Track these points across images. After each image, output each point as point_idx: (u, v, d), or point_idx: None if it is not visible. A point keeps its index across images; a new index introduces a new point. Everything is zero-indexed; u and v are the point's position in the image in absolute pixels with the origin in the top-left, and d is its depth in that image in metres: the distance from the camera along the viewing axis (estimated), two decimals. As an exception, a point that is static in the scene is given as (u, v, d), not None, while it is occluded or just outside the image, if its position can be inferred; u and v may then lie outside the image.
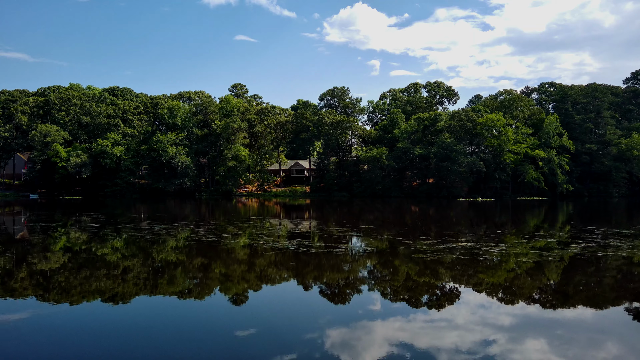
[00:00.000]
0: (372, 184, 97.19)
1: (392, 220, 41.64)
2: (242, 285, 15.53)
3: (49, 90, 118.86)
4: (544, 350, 9.71)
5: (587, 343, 10.29)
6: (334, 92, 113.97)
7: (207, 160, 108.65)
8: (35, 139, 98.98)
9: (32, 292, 14.31)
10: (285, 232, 29.04)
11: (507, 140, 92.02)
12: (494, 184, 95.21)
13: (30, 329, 10.95)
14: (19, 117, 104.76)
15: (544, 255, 20.40)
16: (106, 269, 17.59)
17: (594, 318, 12.15)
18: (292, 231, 30.28)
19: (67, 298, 13.63)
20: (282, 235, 27.94)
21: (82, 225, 33.95)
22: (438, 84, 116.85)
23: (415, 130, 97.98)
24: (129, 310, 12.59)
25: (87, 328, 11.06)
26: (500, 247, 22.84)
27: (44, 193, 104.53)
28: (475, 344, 10.02)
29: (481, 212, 55.07)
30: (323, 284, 15.63)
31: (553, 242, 24.98)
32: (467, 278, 16.25)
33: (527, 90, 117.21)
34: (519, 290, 14.90)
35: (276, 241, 24.74)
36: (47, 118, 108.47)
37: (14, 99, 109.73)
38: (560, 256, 20.36)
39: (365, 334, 10.67)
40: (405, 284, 15.46)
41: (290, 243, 23.82)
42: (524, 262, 19.07)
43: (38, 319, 11.68)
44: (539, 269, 17.82)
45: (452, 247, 22.62)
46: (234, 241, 24.44)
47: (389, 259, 20.00)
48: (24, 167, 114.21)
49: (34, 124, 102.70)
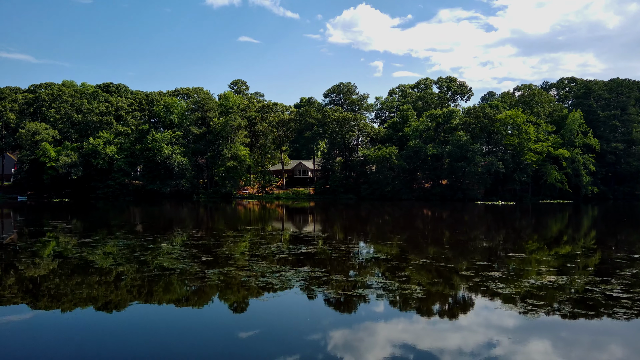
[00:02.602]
0: (381, 185, 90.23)
1: (414, 230, 34.73)
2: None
3: (40, 87, 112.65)
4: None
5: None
6: (340, 89, 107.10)
7: (206, 161, 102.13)
8: (23, 138, 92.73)
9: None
10: (287, 247, 22.37)
11: (528, 138, 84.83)
12: (513, 185, 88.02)
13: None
14: (7, 114, 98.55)
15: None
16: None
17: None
18: (297, 250, 23.48)
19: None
20: (284, 259, 21.18)
21: (21, 247, 27.30)
22: (450, 79, 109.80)
23: (428, 128, 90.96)
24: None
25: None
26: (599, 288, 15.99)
27: (33, 195, 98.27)
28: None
29: (508, 217, 48.01)
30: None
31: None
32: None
33: (546, 86, 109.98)
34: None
35: (276, 271, 18.01)
36: (37, 116, 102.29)
37: (3, 96, 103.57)
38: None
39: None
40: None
41: (295, 276, 17.04)
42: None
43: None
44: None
45: (532, 283, 15.80)
46: (221, 273, 17.73)
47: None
48: (14, 168, 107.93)
49: (23, 122, 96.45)
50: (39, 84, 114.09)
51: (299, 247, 22.91)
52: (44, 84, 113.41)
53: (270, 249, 22.28)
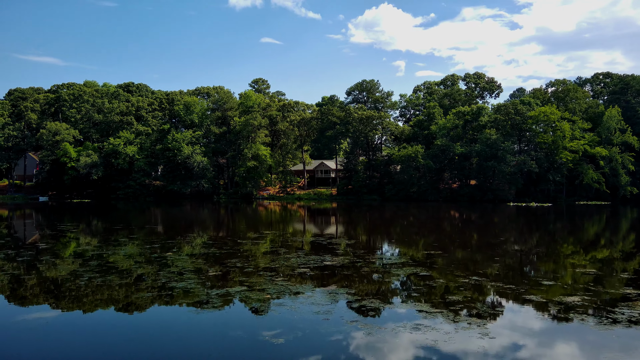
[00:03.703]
0: (406, 186, 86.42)
1: (451, 235, 31.23)
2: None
3: (62, 88, 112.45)
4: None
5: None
6: (363, 86, 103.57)
7: (226, 160, 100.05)
8: (44, 138, 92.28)
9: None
10: (310, 262, 19.34)
11: (563, 136, 79.85)
12: (546, 186, 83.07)
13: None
14: (29, 114, 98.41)
15: None
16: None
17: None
18: (320, 261, 20.39)
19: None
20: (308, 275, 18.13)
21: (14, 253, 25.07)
22: (478, 75, 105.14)
23: (455, 126, 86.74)
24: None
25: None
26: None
27: (54, 195, 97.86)
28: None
29: (545, 219, 43.88)
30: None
31: None
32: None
33: (579, 81, 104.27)
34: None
35: (301, 286, 14.97)
36: (59, 116, 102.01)
37: (25, 97, 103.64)
38: None
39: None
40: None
41: (318, 298, 13.97)
42: None
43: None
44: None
45: (567, 288, 12.42)
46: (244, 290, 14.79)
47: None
48: (36, 168, 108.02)
49: (44, 122, 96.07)
50: (60, 84, 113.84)
51: (323, 258, 19.73)
52: (65, 84, 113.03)
53: (289, 260, 19.20)
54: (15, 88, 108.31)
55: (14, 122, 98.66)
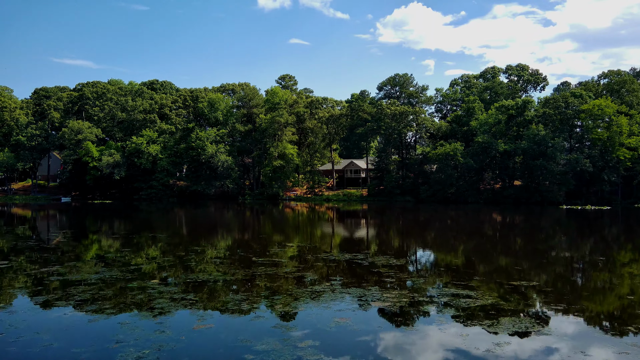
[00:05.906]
0: (444, 186, 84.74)
1: (511, 250, 30.20)
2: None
3: (87, 86, 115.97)
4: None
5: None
6: (395, 80, 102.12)
7: (252, 160, 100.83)
8: (66, 137, 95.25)
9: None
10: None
11: (620, 131, 76.58)
12: (600, 187, 79.84)
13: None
14: (52, 113, 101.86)
15: None
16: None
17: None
18: (362, 298, 19.60)
19: None
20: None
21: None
22: (522, 67, 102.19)
23: (498, 122, 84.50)
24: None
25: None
26: None
27: (77, 196, 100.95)
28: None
29: (606, 225, 41.94)
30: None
31: None
32: None
33: (634, 73, 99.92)
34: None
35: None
36: (82, 115, 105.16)
37: (49, 95, 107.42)
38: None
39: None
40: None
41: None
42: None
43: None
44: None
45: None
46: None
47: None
48: (60, 168, 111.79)
49: (67, 121, 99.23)
50: (85, 82, 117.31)
51: (367, 294, 14.49)
52: (90, 83, 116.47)
53: (318, 299, 13.91)
54: (41, 87, 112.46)
55: (37, 121, 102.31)
